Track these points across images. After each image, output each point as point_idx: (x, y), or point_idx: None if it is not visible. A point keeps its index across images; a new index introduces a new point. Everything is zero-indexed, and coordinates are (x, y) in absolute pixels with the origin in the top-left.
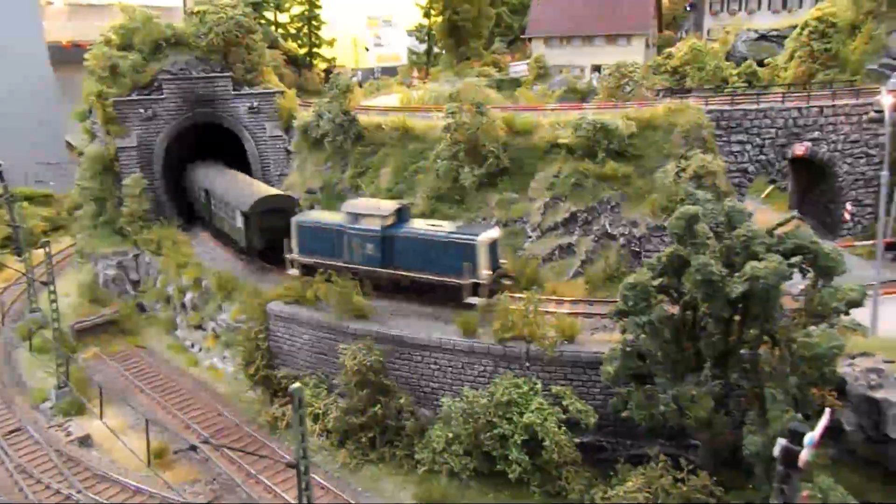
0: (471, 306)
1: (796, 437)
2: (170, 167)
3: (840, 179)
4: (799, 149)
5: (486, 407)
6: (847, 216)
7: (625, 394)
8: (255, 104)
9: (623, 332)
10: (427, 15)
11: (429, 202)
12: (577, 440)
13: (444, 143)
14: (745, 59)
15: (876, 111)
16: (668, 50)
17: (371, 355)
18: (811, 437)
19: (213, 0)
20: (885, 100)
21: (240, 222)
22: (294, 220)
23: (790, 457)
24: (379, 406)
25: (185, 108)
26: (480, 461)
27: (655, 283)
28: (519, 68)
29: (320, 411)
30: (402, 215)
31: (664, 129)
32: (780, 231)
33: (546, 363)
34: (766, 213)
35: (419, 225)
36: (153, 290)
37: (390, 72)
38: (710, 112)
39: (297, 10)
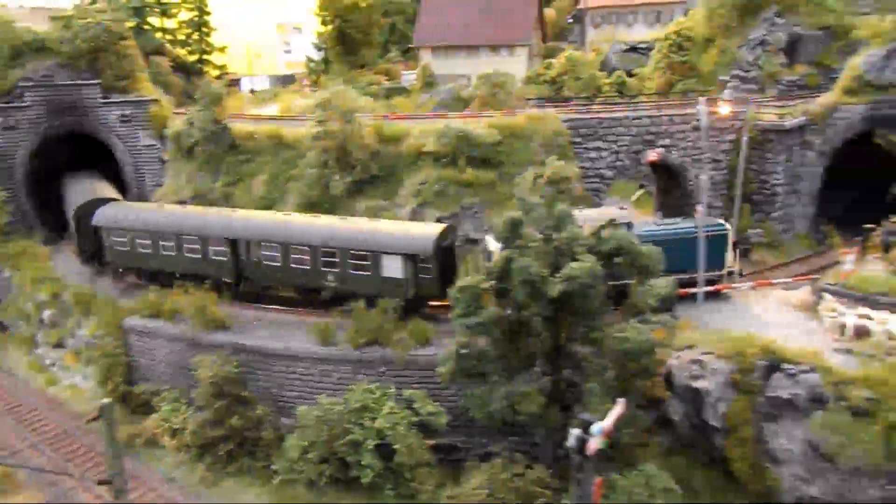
0: None
1: (587, 428)
2: (37, 178)
3: (690, 183)
4: (651, 155)
5: (341, 414)
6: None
7: (468, 394)
8: (128, 112)
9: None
10: (324, 23)
11: (301, 210)
12: (431, 442)
13: (314, 152)
14: (617, 69)
15: (697, 120)
16: (548, 60)
17: (227, 366)
18: (598, 426)
19: (82, 4)
20: (702, 109)
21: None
22: None
23: (582, 446)
24: (236, 417)
25: (50, 117)
26: (336, 468)
27: (486, 285)
28: (410, 77)
29: (178, 426)
30: None
31: (526, 138)
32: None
33: (401, 368)
34: (634, 215)
35: None
36: (13, 306)
37: (290, 80)
38: (569, 121)
39: (185, 15)
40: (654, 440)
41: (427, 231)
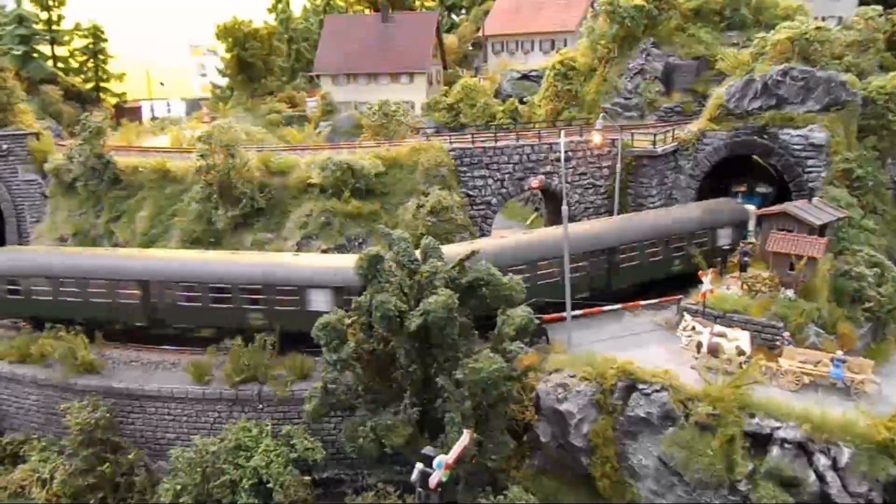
0: None
1: (428, 461)
2: None
3: (573, 208)
4: (534, 182)
5: (216, 454)
6: None
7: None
8: (4, 147)
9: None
10: (227, 49)
11: (184, 245)
12: (315, 476)
13: (198, 186)
14: (510, 96)
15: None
16: (444, 88)
17: (97, 411)
18: (440, 460)
19: None
20: (562, 141)
21: None
22: None
23: (425, 479)
24: (107, 465)
25: None
26: None
27: (348, 321)
28: (313, 104)
29: (47, 476)
30: None
31: (409, 168)
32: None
33: (278, 403)
34: None
35: None
36: None
37: (195, 105)
38: (453, 150)
39: (79, 42)
40: (525, 463)
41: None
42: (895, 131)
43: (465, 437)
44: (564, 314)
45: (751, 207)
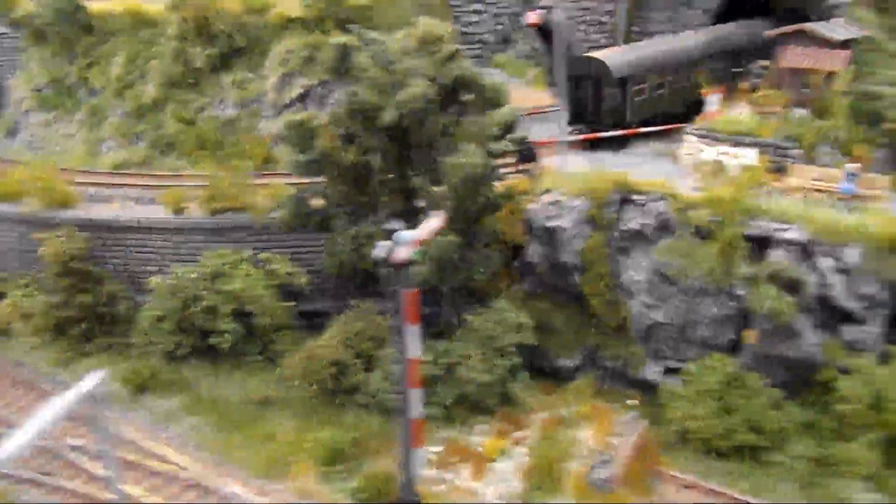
0: None
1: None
2: None
3: (575, 48)
4: (532, 17)
5: (195, 281)
6: None
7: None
8: None
9: None
10: None
11: (161, 89)
12: (299, 309)
13: (174, 25)
14: None
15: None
16: None
17: (73, 243)
18: (405, 234)
19: None
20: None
21: None
22: None
23: (390, 256)
24: (87, 294)
25: None
26: (195, 338)
27: (318, 122)
28: None
29: (29, 311)
30: None
31: None
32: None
33: (259, 231)
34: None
35: None
36: None
37: None
38: None
39: None
40: (516, 288)
41: None
42: None
43: (439, 219)
44: (557, 139)
45: None
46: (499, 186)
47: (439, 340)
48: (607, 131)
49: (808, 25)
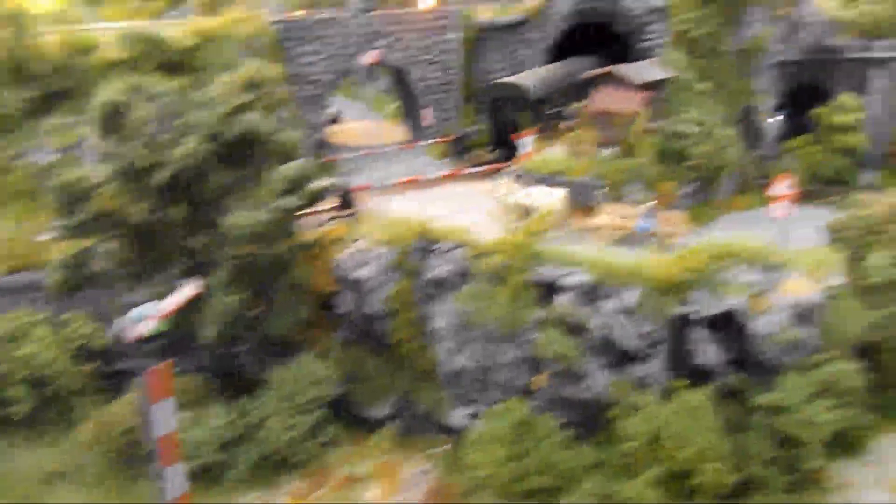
0: None
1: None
2: None
3: (415, 85)
4: (369, 57)
5: None
6: (427, 118)
7: None
8: None
9: None
10: None
11: None
12: (106, 369)
13: None
14: None
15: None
16: None
17: None
18: (140, 310)
19: None
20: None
21: None
22: None
23: (129, 334)
24: None
25: None
26: None
27: (97, 180)
28: None
29: None
30: None
31: (225, 40)
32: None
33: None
34: (386, 127)
35: None
36: None
37: None
38: (279, 23)
39: None
40: (333, 336)
41: None
42: None
43: (190, 288)
44: (372, 184)
45: None
46: (308, 235)
47: (243, 398)
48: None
49: (615, 68)
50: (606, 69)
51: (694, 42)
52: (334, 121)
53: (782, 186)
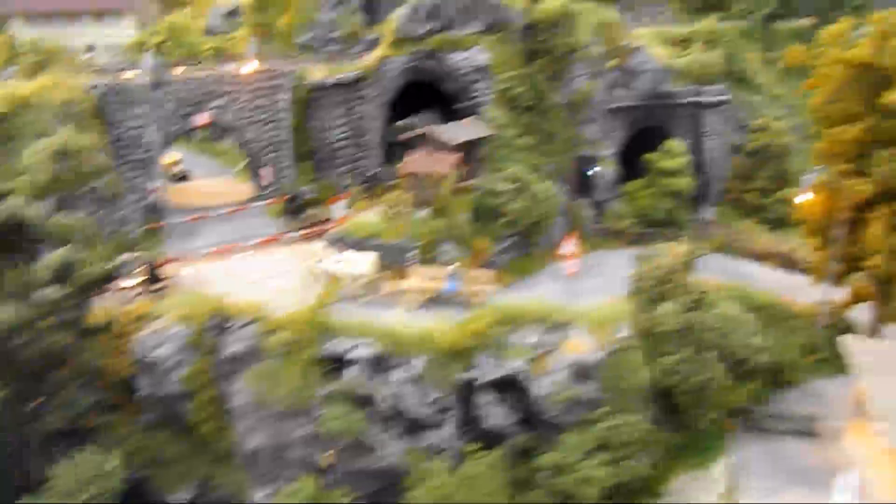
0: None
1: None
2: None
3: (250, 146)
4: (201, 119)
5: None
6: (266, 177)
7: None
8: None
9: None
10: None
11: None
12: None
13: None
14: (220, 32)
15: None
16: (152, 27)
17: None
18: None
19: None
20: (148, 62)
21: None
22: None
23: None
24: None
25: None
26: None
27: None
28: None
29: None
30: None
31: (39, 107)
32: None
33: None
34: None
35: None
36: None
37: None
38: (99, 86)
39: None
40: (136, 419)
41: None
42: (562, 55)
43: None
44: (175, 259)
45: None
46: (102, 316)
47: (25, 497)
48: None
49: (429, 128)
50: (421, 130)
51: (515, 99)
52: (182, 178)
53: (569, 245)
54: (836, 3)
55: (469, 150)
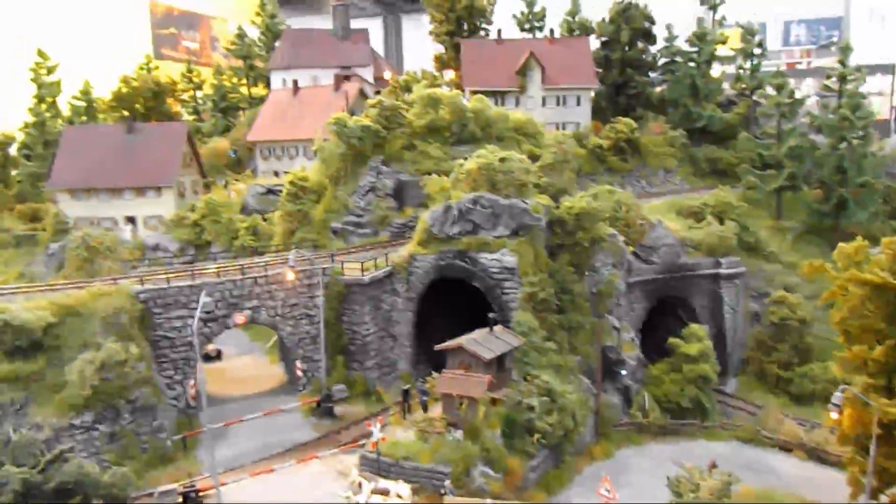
0: None
1: None
2: None
3: (285, 340)
4: (239, 318)
5: None
6: (299, 373)
7: None
8: None
9: None
10: None
11: None
12: None
13: None
14: (255, 211)
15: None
16: (190, 203)
17: None
18: None
19: None
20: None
21: None
22: None
23: None
24: None
25: None
26: None
27: None
28: None
29: None
30: None
31: (86, 316)
32: None
33: None
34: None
35: None
36: None
37: None
38: (143, 293)
39: None
40: None
41: None
42: (585, 248)
43: None
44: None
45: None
46: None
47: None
48: None
49: (464, 342)
50: (457, 342)
51: (543, 302)
52: (215, 357)
53: (604, 489)
54: (842, 181)
55: (500, 359)
